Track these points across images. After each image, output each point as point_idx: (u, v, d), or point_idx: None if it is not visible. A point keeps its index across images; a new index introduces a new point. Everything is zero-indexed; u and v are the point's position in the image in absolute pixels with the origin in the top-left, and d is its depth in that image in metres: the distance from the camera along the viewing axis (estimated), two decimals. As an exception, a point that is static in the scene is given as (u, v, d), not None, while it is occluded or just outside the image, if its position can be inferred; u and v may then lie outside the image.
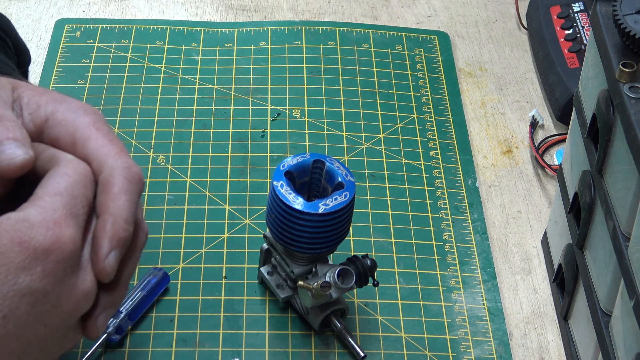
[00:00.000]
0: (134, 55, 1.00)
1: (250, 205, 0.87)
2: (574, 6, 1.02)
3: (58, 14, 1.05)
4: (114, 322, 0.75)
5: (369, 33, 1.04)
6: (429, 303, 0.80)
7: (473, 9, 1.10)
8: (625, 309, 0.65)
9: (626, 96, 0.65)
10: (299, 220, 0.71)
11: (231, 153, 0.91)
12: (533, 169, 0.93)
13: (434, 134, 0.94)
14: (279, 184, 0.72)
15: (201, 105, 0.95)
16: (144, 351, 0.75)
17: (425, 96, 0.98)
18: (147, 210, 0.85)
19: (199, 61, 1.00)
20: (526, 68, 1.03)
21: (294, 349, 0.76)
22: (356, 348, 0.76)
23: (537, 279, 0.84)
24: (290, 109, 0.96)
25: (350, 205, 0.72)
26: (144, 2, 1.07)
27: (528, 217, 0.89)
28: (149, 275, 0.78)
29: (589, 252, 0.73)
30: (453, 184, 0.90)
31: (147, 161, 0.89)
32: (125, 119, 0.93)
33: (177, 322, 0.78)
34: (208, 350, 0.76)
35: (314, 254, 0.74)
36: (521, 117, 0.98)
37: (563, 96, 0.95)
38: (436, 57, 1.03)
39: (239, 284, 0.80)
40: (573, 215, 0.76)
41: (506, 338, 0.78)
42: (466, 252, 0.84)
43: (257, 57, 1.01)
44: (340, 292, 0.73)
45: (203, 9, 1.07)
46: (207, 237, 0.84)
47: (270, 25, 1.04)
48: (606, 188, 0.69)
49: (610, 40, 0.69)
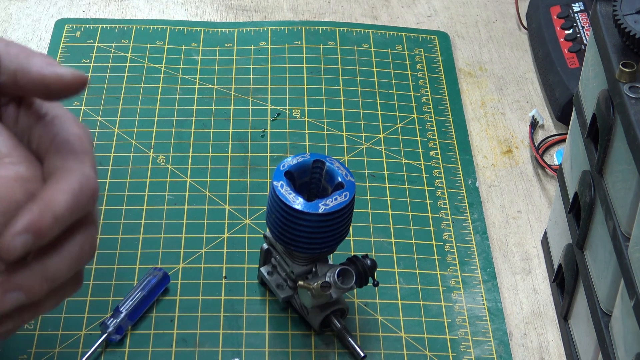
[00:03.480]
0: (134, 55, 1.00)
1: (250, 205, 0.87)
2: (574, 6, 1.02)
3: (58, 14, 1.05)
4: (114, 322, 0.75)
5: (369, 33, 1.04)
6: (429, 303, 0.80)
7: (473, 9, 1.10)
8: (625, 309, 0.65)
9: (626, 96, 0.65)
10: (299, 220, 0.71)
11: (231, 153, 0.91)
12: (533, 169, 0.93)
13: (434, 134, 0.94)
14: (279, 184, 0.72)
15: (201, 105, 0.95)
16: (144, 351, 0.75)
17: (425, 96, 0.98)
18: (147, 210, 0.85)
19: (199, 61, 1.00)
20: (526, 68, 1.03)
21: (294, 349, 0.76)
22: (356, 348, 0.76)
23: (537, 279, 0.84)
24: (290, 109, 0.96)
25: (350, 205, 0.72)
26: (144, 2, 1.07)
27: (528, 217, 0.89)
28: (149, 275, 0.78)
29: (589, 252, 0.73)
30: (453, 184, 0.90)
31: (147, 161, 0.89)
32: (125, 119, 0.93)
33: (177, 322, 0.78)
34: (208, 350, 0.76)
35: (314, 254, 0.74)
36: (521, 117, 0.98)
37: (563, 96, 0.95)
38: (436, 57, 1.03)
39: (239, 284, 0.80)
40: (573, 215, 0.76)
41: (506, 338, 0.78)
42: (466, 252, 0.84)
43: (257, 57, 1.01)
44: (340, 292, 0.73)
45: (203, 9, 1.07)
46: (207, 237, 0.84)
47: (270, 25, 1.04)
48: (606, 188, 0.69)
49: (610, 40, 0.69)
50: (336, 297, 0.74)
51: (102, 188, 0.87)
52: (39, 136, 0.58)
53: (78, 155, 0.57)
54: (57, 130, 0.58)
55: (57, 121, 0.58)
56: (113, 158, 0.89)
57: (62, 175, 0.55)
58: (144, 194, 0.86)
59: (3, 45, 0.58)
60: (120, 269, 0.81)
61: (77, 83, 0.57)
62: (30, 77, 0.57)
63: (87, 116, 0.93)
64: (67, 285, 0.58)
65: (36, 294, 0.55)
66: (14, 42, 0.59)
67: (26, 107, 0.58)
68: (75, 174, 0.55)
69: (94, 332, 0.76)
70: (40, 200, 0.54)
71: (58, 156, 0.56)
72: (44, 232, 0.53)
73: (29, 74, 0.57)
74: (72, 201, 0.54)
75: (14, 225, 0.53)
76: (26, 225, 0.53)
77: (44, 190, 0.55)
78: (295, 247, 0.73)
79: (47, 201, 0.54)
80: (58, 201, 0.54)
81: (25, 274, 0.55)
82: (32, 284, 0.55)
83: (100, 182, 0.87)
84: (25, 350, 0.74)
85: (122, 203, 0.85)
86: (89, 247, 0.57)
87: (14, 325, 0.56)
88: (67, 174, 0.55)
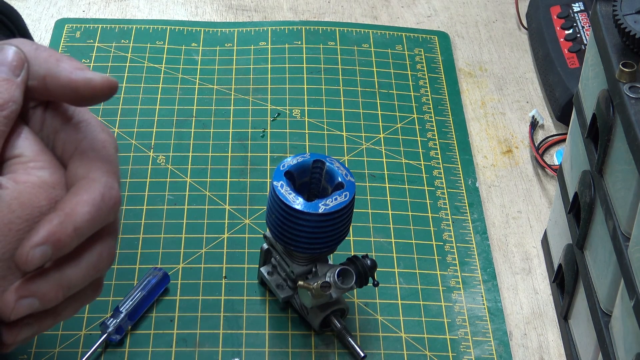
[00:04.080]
0: (134, 55, 1.00)
1: (250, 205, 0.87)
2: (574, 6, 1.02)
3: (58, 14, 1.05)
4: (114, 322, 0.75)
5: (369, 33, 1.04)
6: (429, 303, 0.80)
7: (473, 9, 1.10)
8: (625, 309, 0.65)
9: (626, 96, 0.65)
10: (299, 220, 0.71)
11: (231, 153, 0.91)
12: (533, 169, 0.93)
13: (434, 134, 0.94)
14: (279, 184, 0.72)
15: (201, 105, 0.95)
16: (144, 351, 0.75)
17: (425, 96, 0.98)
18: (147, 210, 0.85)
19: (199, 61, 1.00)
20: (526, 68, 1.03)
21: (294, 349, 0.76)
22: (356, 348, 0.76)
23: (537, 279, 0.84)
24: (290, 109, 0.96)
25: (350, 205, 0.72)
26: (144, 2, 1.07)
27: (528, 217, 0.89)
28: (149, 275, 0.78)
29: (589, 252, 0.73)
30: (453, 184, 0.90)
31: (147, 161, 0.89)
32: (125, 119, 0.93)
33: (177, 322, 0.78)
34: (208, 350, 0.76)
35: (314, 254, 0.74)
36: (521, 117, 0.98)
37: (563, 96, 0.95)
38: (436, 57, 1.03)
39: (239, 284, 0.80)
40: (573, 215, 0.76)
41: (506, 338, 0.78)
42: (466, 252, 0.84)
43: (257, 57, 1.01)
44: (340, 292, 0.73)
45: (203, 9, 1.07)
46: (207, 237, 0.84)
47: (270, 25, 1.04)
48: (606, 188, 0.69)
49: (610, 40, 0.69)
50: (336, 297, 0.74)
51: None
52: (64, 141, 0.57)
53: (102, 164, 0.56)
54: (82, 136, 0.57)
55: (82, 126, 0.58)
56: (113, 158, 0.89)
57: (84, 185, 0.55)
58: (144, 194, 0.86)
59: (33, 50, 0.57)
60: (120, 269, 0.81)
61: (107, 87, 0.57)
62: (59, 82, 0.56)
63: (87, 116, 0.93)
64: (86, 291, 0.57)
65: (51, 302, 0.55)
66: (43, 45, 0.58)
67: (53, 111, 0.58)
68: (98, 185, 0.55)
69: (94, 332, 0.76)
70: (61, 211, 0.53)
71: (82, 163, 0.56)
72: (64, 243, 0.53)
73: (58, 78, 0.56)
74: (93, 213, 0.54)
75: (34, 236, 0.52)
76: (46, 237, 0.53)
77: (66, 200, 0.54)
78: (295, 247, 0.73)
79: (68, 212, 0.53)
80: (79, 213, 0.53)
81: (41, 282, 0.54)
82: (48, 291, 0.54)
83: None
84: (25, 350, 0.74)
85: (122, 203, 0.85)
86: (107, 256, 0.56)
87: (32, 331, 0.56)
88: (90, 184, 0.55)
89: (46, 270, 0.54)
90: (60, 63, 0.57)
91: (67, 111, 0.58)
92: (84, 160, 0.56)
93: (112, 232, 0.57)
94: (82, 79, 0.56)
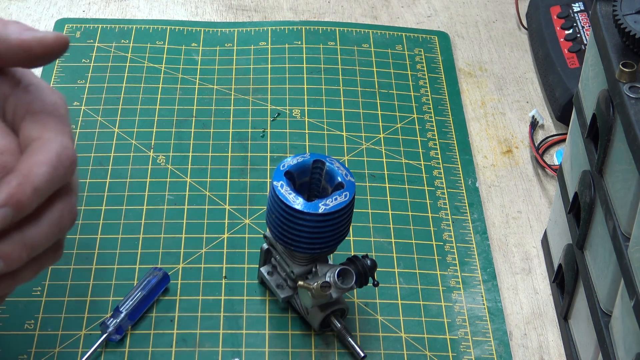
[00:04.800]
0: (134, 55, 1.00)
1: (250, 205, 0.87)
2: (574, 6, 1.02)
3: (58, 14, 1.05)
4: (114, 322, 0.75)
5: (369, 33, 1.04)
6: (429, 303, 0.80)
7: (473, 9, 1.10)
8: (625, 309, 0.65)
9: (626, 96, 0.65)
10: (299, 220, 0.71)
11: (231, 153, 0.91)
12: (533, 169, 0.93)
13: (434, 134, 0.94)
14: (279, 184, 0.72)
15: (201, 105, 0.95)
16: (144, 351, 0.75)
17: (425, 96, 0.98)
18: (147, 210, 0.85)
19: (199, 61, 1.00)
20: (526, 68, 1.03)
21: (294, 349, 0.76)
22: (356, 348, 0.76)
23: (537, 279, 0.84)
24: (290, 109, 0.96)
25: (350, 205, 0.72)
26: (144, 2, 1.07)
27: (528, 217, 0.89)
28: (149, 275, 0.78)
29: (589, 252, 0.73)
30: (453, 184, 0.90)
31: (147, 161, 0.89)
32: (125, 119, 0.93)
33: (177, 322, 0.78)
34: (208, 350, 0.76)
35: (314, 254, 0.74)
36: (521, 117, 0.98)
37: (563, 96, 0.95)
38: (436, 57, 1.03)
39: (239, 284, 0.80)
40: (573, 215, 0.76)
41: (506, 338, 0.78)
42: (466, 252, 0.84)
43: (257, 57, 1.01)
44: (340, 292, 0.73)
45: (203, 9, 1.07)
46: (207, 237, 0.84)
47: (270, 25, 1.04)
48: (606, 188, 0.69)
49: (610, 40, 0.69)
50: (336, 297, 0.74)
51: (102, 188, 0.87)
52: (14, 105, 0.57)
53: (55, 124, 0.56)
54: (32, 98, 0.57)
55: (32, 89, 0.57)
56: (113, 158, 0.89)
57: (39, 146, 0.55)
58: (144, 194, 0.86)
59: None
60: (120, 269, 0.81)
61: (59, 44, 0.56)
62: (9, 44, 0.56)
63: (87, 116, 0.93)
64: (46, 254, 0.57)
65: (16, 262, 0.55)
66: None
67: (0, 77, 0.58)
68: (53, 144, 0.55)
69: (94, 332, 0.76)
70: (19, 172, 0.54)
71: (34, 125, 0.56)
72: (24, 204, 0.53)
73: (8, 41, 0.56)
74: (50, 172, 0.54)
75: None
76: (5, 199, 0.53)
77: (22, 162, 0.54)
78: (295, 247, 0.73)
79: (26, 174, 0.54)
80: (37, 173, 0.54)
81: (4, 243, 0.54)
82: (11, 252, 0.54)
83: (100, 182, 0.87)
84: (25, 350, 0.74)
85: (122, 203, 0.85)
86: (68, 215, 0.57)
87: None
88: (45, 144, 0.55)
89: (9, 232, 0.54)
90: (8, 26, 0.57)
91: (14, 76, 0.58)
92: (36, 122, 0.56)
93: (70, 191, 0.57)
94: (33, 38, 0.56)
